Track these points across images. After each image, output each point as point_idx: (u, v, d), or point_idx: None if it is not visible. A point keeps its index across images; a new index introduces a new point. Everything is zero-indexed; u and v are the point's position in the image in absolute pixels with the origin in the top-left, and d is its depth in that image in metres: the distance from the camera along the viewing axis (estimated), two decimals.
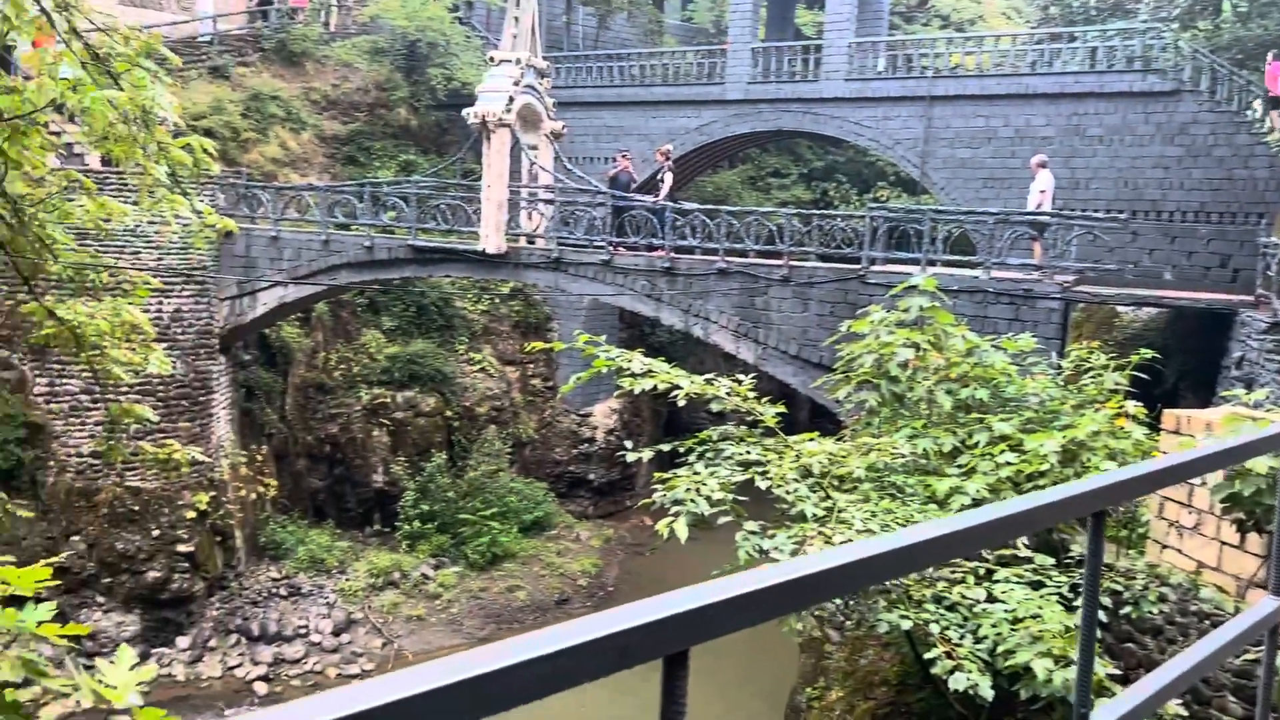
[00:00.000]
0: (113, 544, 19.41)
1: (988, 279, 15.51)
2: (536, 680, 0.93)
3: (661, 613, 1.04)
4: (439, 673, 0.87)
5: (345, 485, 25.16)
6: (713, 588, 1.11)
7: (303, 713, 0.78)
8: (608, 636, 0.99)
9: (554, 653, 0.94)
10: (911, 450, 8.98)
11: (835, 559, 1.24)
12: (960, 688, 6.30)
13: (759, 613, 1.16)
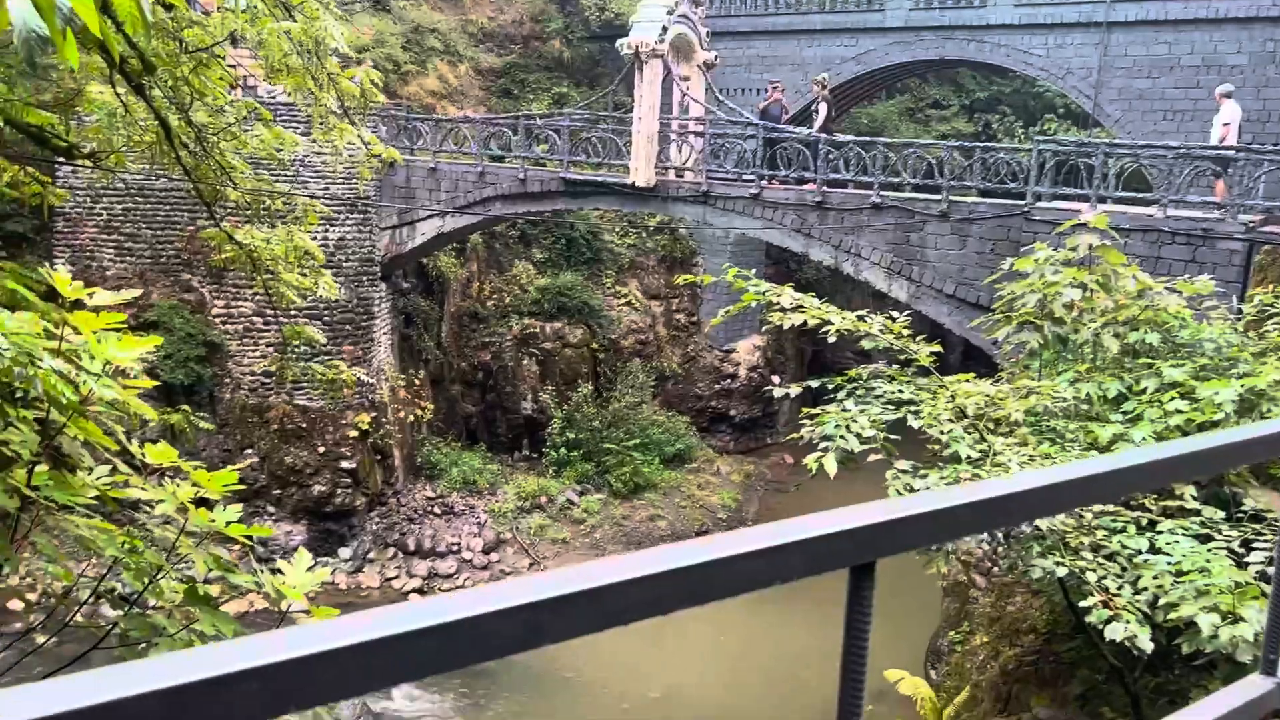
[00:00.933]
0: (282, 458, 20.65)
1: (1163, 217, 14.61)
2: (729, 579, 0.95)
3: (852, 524, 1.04)
4: (639, 563, 0.89)
5: (496, 411, 25.98)
6: (902, 503, 1.11)
7: (482, 597, 0.81)
8: (799, 543, 1.00)
9: (748, 553, 0.96)
10: (1074, 395, 8.63)
11: (1024, 483, 1.21)
12: (1117, 638, 6.09)
13: (946, 531, 1.15)
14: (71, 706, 0.62)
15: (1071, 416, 9.18)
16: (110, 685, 0.64)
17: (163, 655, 0.69)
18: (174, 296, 20.67)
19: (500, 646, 0.80)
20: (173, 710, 0.66)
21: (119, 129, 8.43)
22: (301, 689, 0.71)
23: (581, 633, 0.85)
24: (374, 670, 0.74)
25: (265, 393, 20.80)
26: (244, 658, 0.69)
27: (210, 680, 0.67)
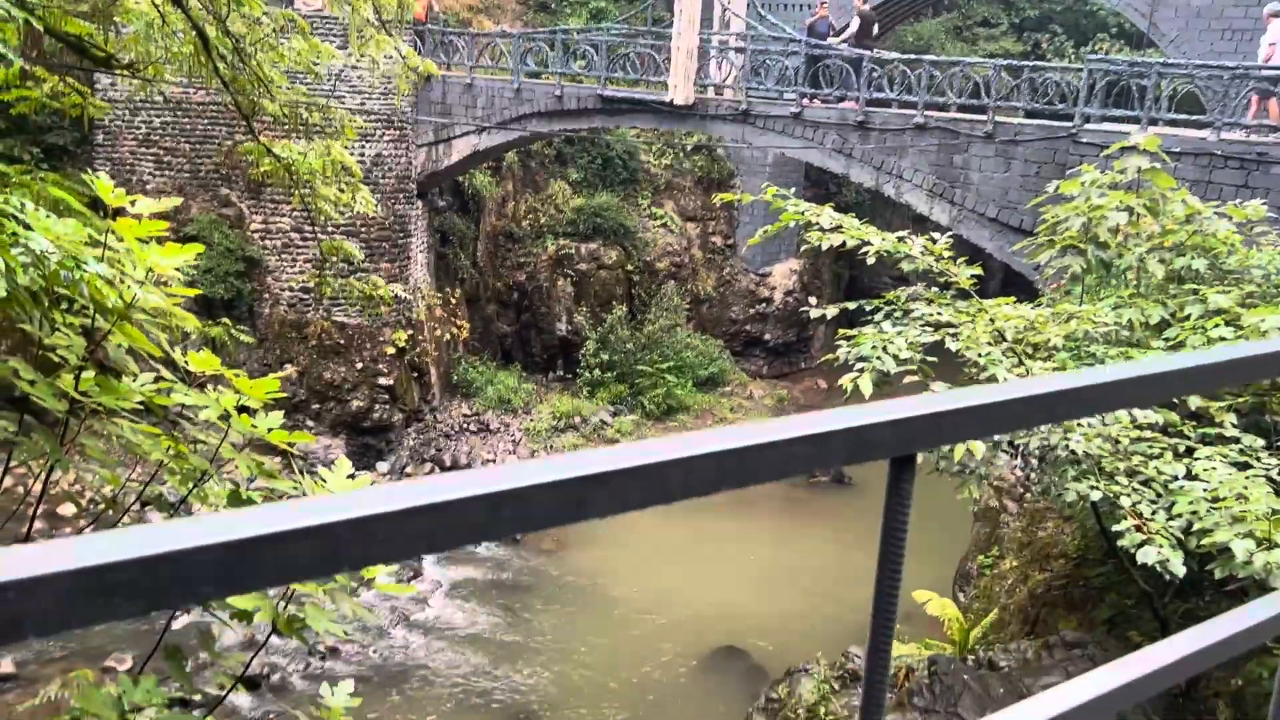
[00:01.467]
0: (321, 374, 20.93)
1: (1216, 140, 14.20)
2: (774, 462, 0.96)
3: (895, 415, 1.04)
4: (686, 445, 0.90)
5: (531, 332, 26.09)
6: (946, 397, 1.10)
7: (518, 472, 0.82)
8: (843, 431, 1.00)
9: (793, 438, 0.96)
10: (1115, 320, 8.51)
11: (1070, 381, 1.20)
12: (1150, 561, 6.10)
13: (989, 426, 1.14)
14: (139, 554, 0.64)
15: (1112, 343, 9.07)
16: (174, 537, 0.66)
17: (224, 512, 0.71)
18: (213, 211, 20.80)
19: (547, 518, 0.82)
20: (233, 562, 0.68)
21: (156, 40, 8.39)
22: (355, 549, 0.72)
23: (627, 508, 0.86)
24: (425, 534, 0.75)
25: (304, 309, 21.00)
26: (302, 517, 0.71)
27: (270, 536, 0.69)
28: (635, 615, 16.47)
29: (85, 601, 0.62)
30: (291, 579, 0.70)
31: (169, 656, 5.06)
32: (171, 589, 0.65)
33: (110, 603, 0.62)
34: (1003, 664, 9.46)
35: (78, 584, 0.62)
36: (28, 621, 0.61)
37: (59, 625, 0.62)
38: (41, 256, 3.62)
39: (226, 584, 0.67)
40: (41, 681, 13.59)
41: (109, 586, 0.62)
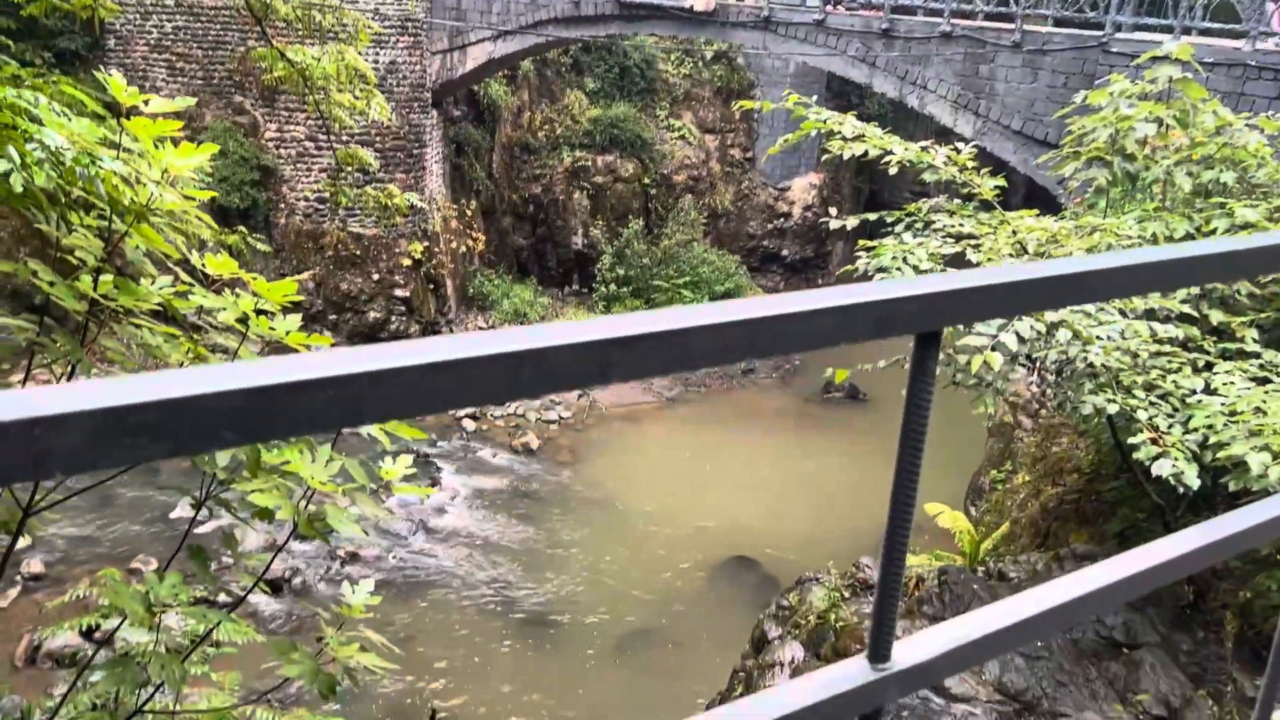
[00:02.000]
0: (337, 284, 20.96)
1: (1250, 51, 13.81)
2: (796, 334, 0.95)
3: (922, 290, 1.02)
4: (709, 313, 0.89)
5: (546, 245, 25.97)
6: (974, 274, 1.08)
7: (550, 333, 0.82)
8: (869, 304, 0.98)
9: (817, 310, 0.95)
10: (1139, 234, 8.39)
11: (1100, 262, 1.18)
12: (1164, 474, 6.10)
13: (1016, 304, 1.13)
14: (163, 396, 0.64)
15: None
16: (199, 382, 0.66)
17: (248, 361, 0.71)
18: (227, 119, 20.61)
19: (569, 379, 0.81)
20: (254, 409, 0.67)
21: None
22: (376, 402, 0.72)
23: (649, 372, 0.85)
24: (446, 390, 0.75)
25: (319, 219, 20.94)
26: (325, 368, 0.70)
27: (293, 384, 0.68)
28: (649, 526, 16.72)
29: (110, 441, 0.62)
30: (312, 429, 0.70)
31: (194, 556, 5.17)
32: (193, 433, 0.65)
33: (135, 443, 0.62)
34: (1012, 575, 9.58)
35: (104, 423, 0.62)
36: (55, 458, 0.61)
37: (85, 464, 0.62)
38: (56, 153, 3.60)
39: (247, 430, 0.67)
40: (70, 581, 13.96)
41: (133, 427, 0.62)
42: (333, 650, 4.75)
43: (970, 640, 1.24)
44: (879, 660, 1.16)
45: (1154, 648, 7.71)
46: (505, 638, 13.74)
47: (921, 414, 1.10)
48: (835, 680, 1.14)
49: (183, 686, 5.49)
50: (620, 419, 21.05)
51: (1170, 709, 7.02)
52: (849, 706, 1.14)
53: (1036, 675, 7.27)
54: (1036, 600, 1.33)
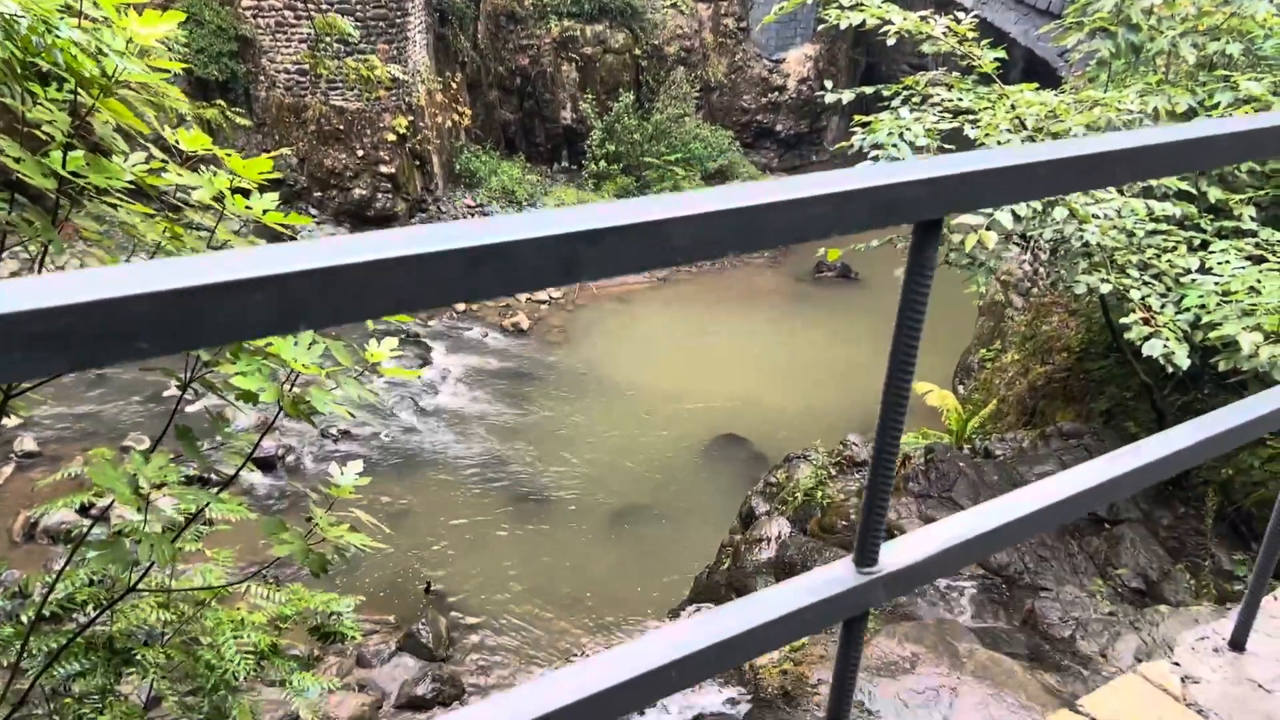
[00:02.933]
0: (321, 160, 20.55)
1: None
2: (789, 224, 0.87)
3: (923, 174, 0.94)
4: (693, 201, 0.81)
5: (535, 120, 25.39)
6: (977, 157, 1.00)
7: None
8: (867, 190, 0.91)
9: (811, 198, 0.87)
10: (1140, 108, 8.19)
11: (1111, 143, 1.10)
12: (1155, 354, 6.10)
13: (1023, 189, 1.05)
14: (69, 300, 0.56)
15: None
16: (111, 283, 0.58)
17: (170, 260, 0.63)
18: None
19: (533, 278, 0.74)
20: (179, 314, 0.60)
21: None
22: (316, 304, 0.65)
23: (622, 270, 0.78)
24: (395, 290, 0.67)
25: (301, 91, 20.37)
26: (258, 266, 0.63)
27: (221, 286, 0.61)
28: (640, 404, 16.84)
29: (2, 352, 0.55)
30: (245, 334, 0.63)
31: (181, 436, 5.15)
32: (103, 342, 0.58)
33: (31, 356, 0.55)
34: (998, 453, 9.70)
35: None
36: None
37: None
38: (9, 20, 3.41)
39: (170, 338, 0.60)
40: (64, 459, 14.08)
41: (31, 337, 0.55)
42: (322, 530, 4.78)
43: (960, 542, 1.20)
44: (866, 564, 1.12)
45: (1134, 523, 7.86)
46: (498, 513, 13.97)
47: (918, 306, 1.04)
48: (821, 584, 1.10)
49: (175, 564, 5.54)
50: (612, 299, 20.98)
51: (1148, 582, 7.19)
52: (835, 610, 1.11)
53: (1019, 551, 7.42)
54: (1027, 499, 1.29)
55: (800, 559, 7.90)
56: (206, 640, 6.16)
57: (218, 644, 6.15)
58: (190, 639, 6.16)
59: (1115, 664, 5.89)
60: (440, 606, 12.08)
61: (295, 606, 6.76)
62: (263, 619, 6.83)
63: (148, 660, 5.72)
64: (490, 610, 12.09)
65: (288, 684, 7.07)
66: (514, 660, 11.34)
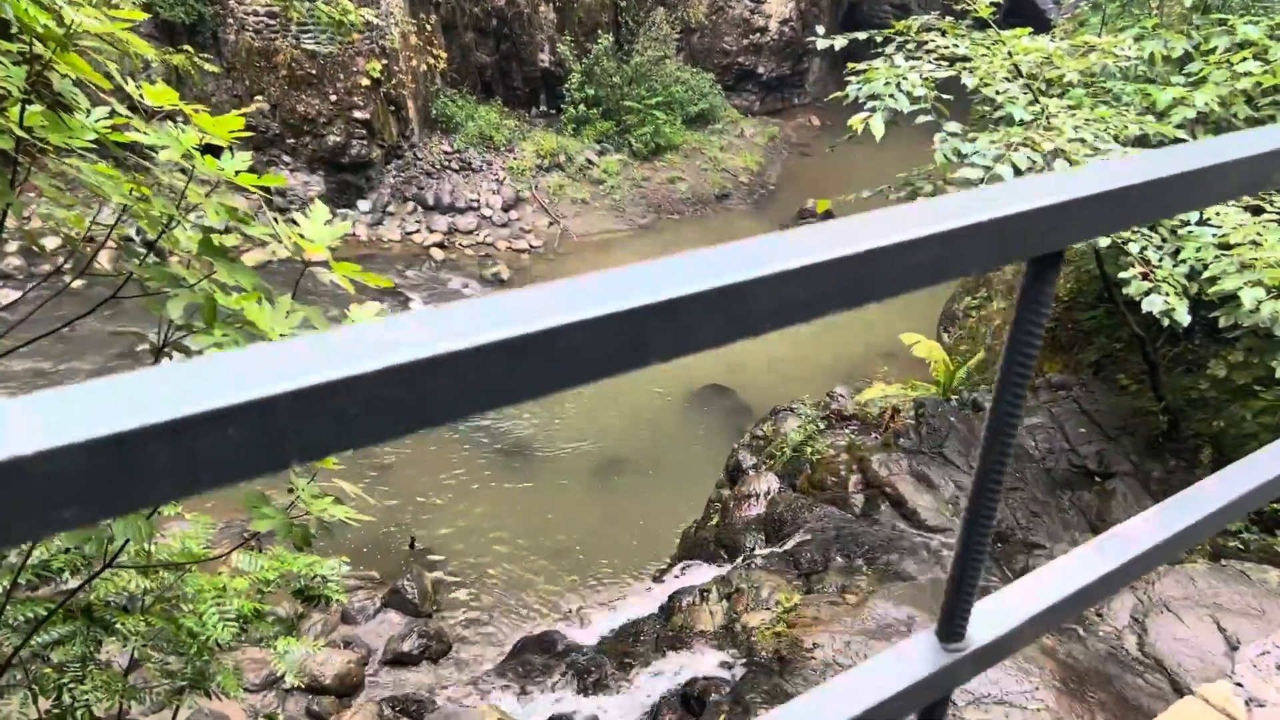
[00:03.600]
0: (294, 106, 20.04)
1: None
2: (892, 274, 0.69)
3: (1045, 200, 0.77)
4: (769, 257, 0.63)
5: (512, 63, 24.83)
6: (1104, 173, 0.83)
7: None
8: (980, 226, 0.73)
9: (922, 239, 0.69)
10: (1136, 52, 7.98)
11: (1259, 145, 0.92)
12: (1155, 310, 5.97)
13: (1164, 204, 0.88)
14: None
15: (1130, 78, 8.59)
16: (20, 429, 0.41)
17: (86, 385, 0.45)
18: None
19: (594, 367, 0.56)
20: (98, 475, 0.42)
21: None
22: (304, 437, 0.47)
23: (699, 347, 0.61)
24: (410, 409, 0.50)
25: (271, 35, 19.79)
26: (224, 390, 0.45)
27: (160, 429, 0.43)
28: None
29: None
30: (203, 486, 0.45)
31: None
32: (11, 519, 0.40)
33: None
34: (986, 404, 9.62)
35: None
36: None
37: None
38: None
39: (95, 504, 0.42)
40: None
41: None
42: (305, 504, 4.62)
43: (1054, 603, 1.05)
44: (952, 639, 0.97)
45: (1126, 476, 7.81)
46: (482, 467, 13.85)
47: (1029, 350, 0.86)
48: (903, 667, 0.95)
49: (150, 539, 5.37)
50: (592, 248, 20.72)
51: None
52: (920, 695, 0.96)
53: (1010, 507, 7.37)
54: (1118, 548, 1.14)
55: (790, 516, 7.82)
56: (188, 607, 6.04)
57: (199, 611, 6.03)
58: (171, 605, 6.03)
59: (1111, 623, 5.86)
60: (425, 562, 12.00)
61: (278, 570, 6.64)
62: (245, 584, 6.70)
63: (128, 628, 5.60)
64: (476, 565, 12.02)
65: (272, 648, 6.96)
66: (501, 614, 11.30)
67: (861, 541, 7.13)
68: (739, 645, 6.14)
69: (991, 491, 0.93)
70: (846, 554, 6.98)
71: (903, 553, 6.92)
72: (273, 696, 9.75)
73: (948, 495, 7.56)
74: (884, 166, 14.25)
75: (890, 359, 15.27)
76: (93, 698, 5.78)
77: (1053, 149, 6.09)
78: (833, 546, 7.15)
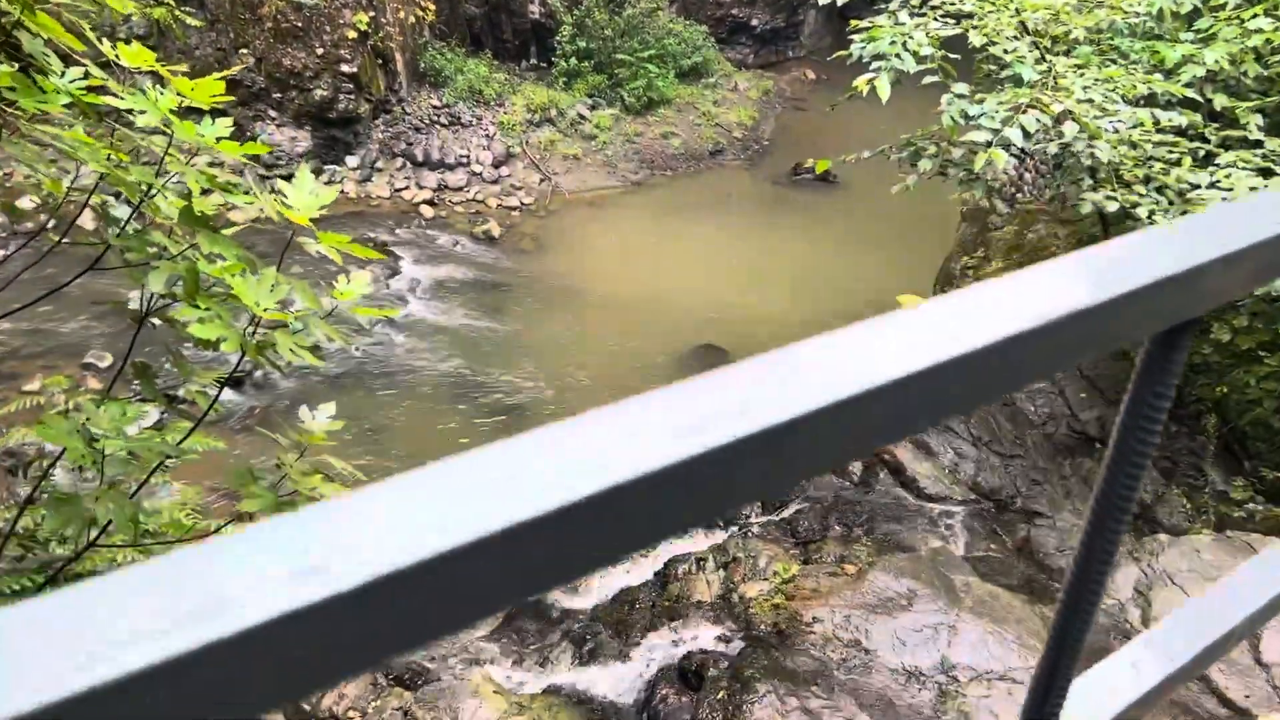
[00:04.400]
0: (280, 60, 19.63)
1: None
2: (1006, 373, 0.55)
3: (1176, 266, 0.63)
4: (917, 353, 0.49)
5: (501, 15, 24.34)
6: (1239, 217, 0.68)
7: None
8: (1103, 307, 0.59)
9: (1044, 326, 0.55)
10: (1147, 8, 7.78)
11: None
12: None
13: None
14: None
15: (1138, 35, 8.38)
16: None
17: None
18: None
19: (680, 519, 0.42)
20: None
21: None
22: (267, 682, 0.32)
23: (791, 483, 0.47)
24: (425, 623, 0.35)
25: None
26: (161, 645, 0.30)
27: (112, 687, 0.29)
28: (615, 314, 16.53)
29: None
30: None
31: (139, 374, 4.83)
32: None
33: None
34: None
35: None
36: None
37: None
38: None
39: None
40: (22, 377, 13.64)
41: None
42: (293, 483, 4.50)
43: (1157, 682, 0.92)
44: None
45: None
46: (471, 429, 13.73)
47: (1148, 433, 0.72)
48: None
49: (134, 525, 5.25)
50: (584, 204, 20.45)
51: (1142, 505, 7.09)
52: None
53: (1011, 474, 7.28)
54: (1224, 610, 1.01)
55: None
56: None
57: None
58: None
59: (1114, 595, 5.80)
60: None
61: None
62: None
63: None
64: None
65: None
66: None
67: (860, 510, 7.05)
68: (736, 618, 6.07)
69: (1099, 572, 0.79)
70: (845, 523, 6.90)
71: (902, 522, 6.84)
72: None
73: (946, 463, 7.47)
74: (880, 124, 14.03)
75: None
76: None
77: (1062, 110, 5.91)
78: (831, 515, 7.07)
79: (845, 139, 16.37)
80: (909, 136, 7.12)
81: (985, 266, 13.21)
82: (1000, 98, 6.00)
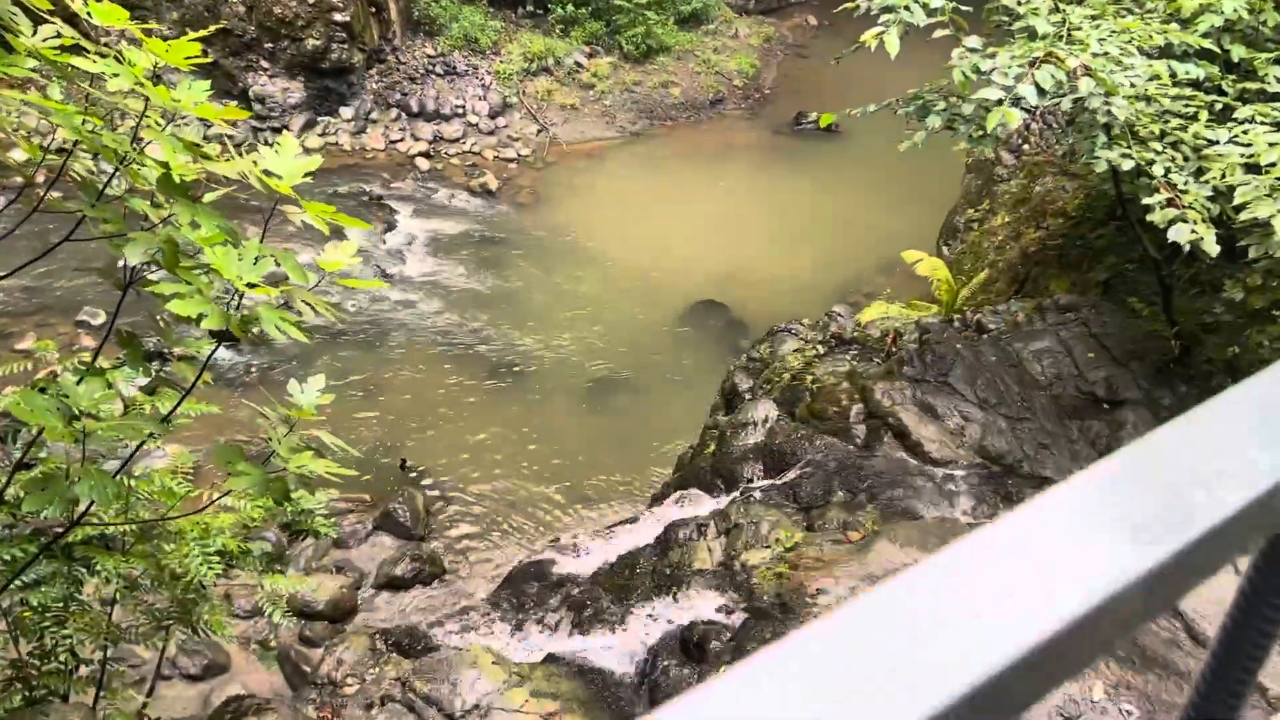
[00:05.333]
0: (270, 8, 19.20)
1: None
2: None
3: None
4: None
5: None
6: None
7: None
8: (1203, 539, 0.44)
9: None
10: None
11: None
12: (1182, 240, 5.65)
13: None
14: None
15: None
16: None
17: None
18: None
19: None
20: None
21: None
22: None
23: None
24: None
25: None
26: None
27: None
28: (614, 269, 16.32)
29: None
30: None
31: (125, 344, 4.69)
32: None
33: None
34: (991, 326, 9.32)
35: None
36: None
37: None
38: None
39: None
40: (16, 336, 13.49)
41: None
42: (282, 460, 4.37)
43: None
44: None
45: (1136, 404, 7.59)
46: (470, 386, 13.60)
47: (1256, 654, 0.58)
48: None
49: (118, 502, 5.12)
50: (582, 156, 20.13)
51: None
52: None
53: (1019, 438, 7.15)
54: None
55: (789, 448, 7.59)
56: (170, 548, 5.87)
57: (183, 552, 5.86)
58: (154, 547, 5.86)
59: None
60: (417, 483, 11.83)
61: (265, 505, 6.44)
62: (230, 521, 6.50)
63: (109, 570, 5.43)
64: (468, 486, 11.86)
65: (258, 585, 6.81)
66: (495, 535, 11.18)
67: (864, 475, 6.93)
68: (739, 588, 5.96)
69: None
70: (849, 488, 6.78)
71: (906, 487, 6.72)
72: (265, 623, 9.66)
73: (952, 426, 7.33)
74: (884, 72, 13.69)
75: (887, 271, 14.95)
76: (75, 638, 5.62)
77: (1078, 64, 5.68)
78: (834, 480, 6.95)
79: (848, 88, 16.00)
80: (916, 90, 6.88)
81: (990, 219, 12.99)
82: (1013, 51, 5.77)
